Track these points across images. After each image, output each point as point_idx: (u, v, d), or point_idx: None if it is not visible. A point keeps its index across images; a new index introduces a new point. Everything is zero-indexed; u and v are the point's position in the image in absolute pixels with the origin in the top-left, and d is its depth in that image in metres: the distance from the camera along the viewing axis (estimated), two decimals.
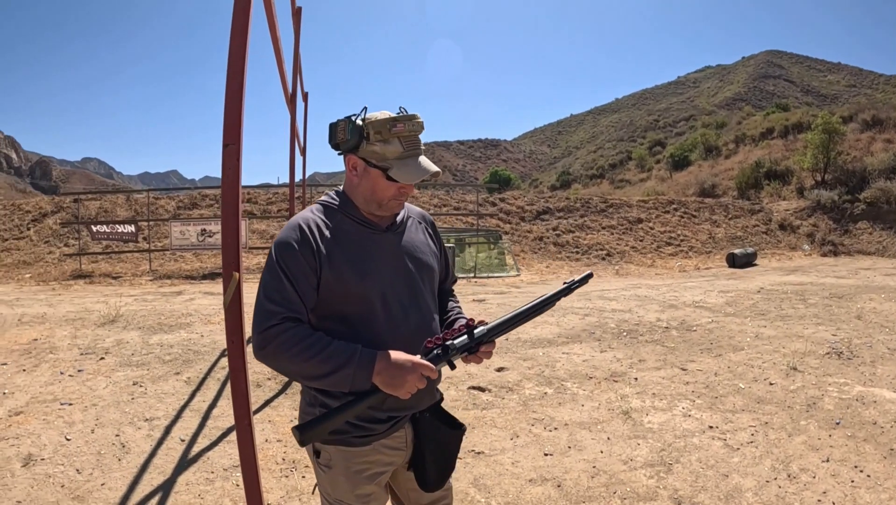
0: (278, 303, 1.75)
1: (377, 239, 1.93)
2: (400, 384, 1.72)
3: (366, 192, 1.91)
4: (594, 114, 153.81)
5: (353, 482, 1.91)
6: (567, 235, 20.99)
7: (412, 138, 1.86)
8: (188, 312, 10.35)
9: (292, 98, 6.57)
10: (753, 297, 11.51)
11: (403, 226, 2.03)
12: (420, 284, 1.98)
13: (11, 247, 18.99)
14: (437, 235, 2.18)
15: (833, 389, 5.71)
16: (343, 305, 1.84)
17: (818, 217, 23.27)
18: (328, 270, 1.80)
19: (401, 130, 1.83)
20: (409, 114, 1.86)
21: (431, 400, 2.02)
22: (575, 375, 6.34)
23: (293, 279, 1.77)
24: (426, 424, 1.97)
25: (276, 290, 1.76)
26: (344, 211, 1.93)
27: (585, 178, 66.73)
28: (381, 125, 1.83)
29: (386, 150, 1.84)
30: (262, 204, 21.80)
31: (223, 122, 2.17)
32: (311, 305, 1.82)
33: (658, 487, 3.84)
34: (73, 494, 3.82)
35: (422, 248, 2.04)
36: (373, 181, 1.88)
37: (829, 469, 4.03)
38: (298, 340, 1.71)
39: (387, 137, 1.83)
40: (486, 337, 1.88)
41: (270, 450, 4.51)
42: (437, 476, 2.00)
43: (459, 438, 2.05)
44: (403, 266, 1.95)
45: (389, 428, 1.91)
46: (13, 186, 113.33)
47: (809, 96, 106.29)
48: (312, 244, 1.80)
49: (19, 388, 6.00)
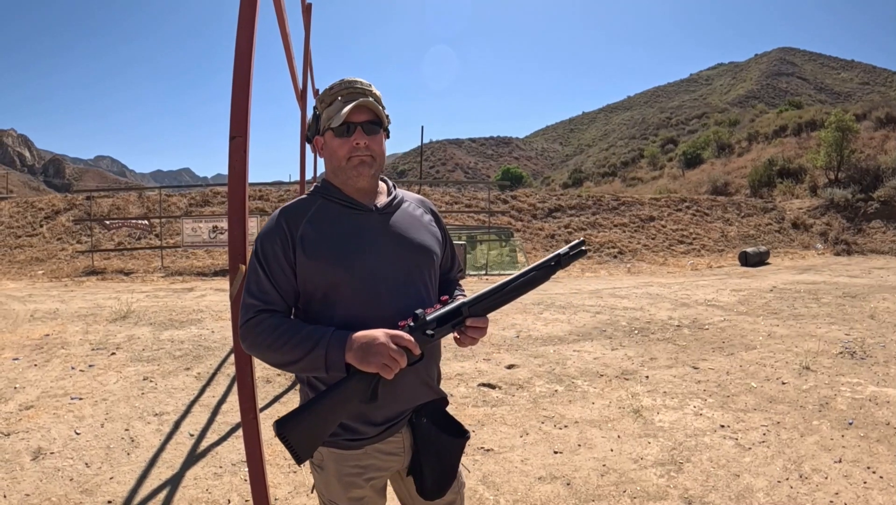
0: (255, 296, 1.75)
1: (363, 220, 1.86)
2: (373, 354, 1.62)
3: (329, 164, 1.87)
4: (606, 111, 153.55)
5: (345, 485, 1.86)
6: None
7: (351, 91, 1.81)
8: (199, 309, 10.39)
9: (303, 94, 6.56)
10: (766, 295, 11.44)
11: (395, 207, 1.94)
12: (412, 266, 1.87)
13: (24, 244, 19.11)
14: (440, 221, 2.08)
15: (846, 388, 5.66)
16: (326, 289, 1.78)
17: (831, 216, 23.12)
18: (303, 255, 1.76)
19: (338, 90, 1.81)
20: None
21: (429, 396, 1.93)
22: (586, 373, 6.31)
23: (268, 270, 1.76)
24: (424, 429, 1.89)
25: (255, 282, 1.77)
26: (325, 195, 1.88)
27: (597, 175, 66.56)
28: (324, 94, 1.84)
29: (330, 112, 1.81)
30: (273, 201, 21.84)
31: (230, 115, 2.16)
32: (289, 294, 1.80)
33: (668, 486, 3.81)
34: (82, 488, 3.82)
35: (417, 229, 1.94)
36: (328, 148, 1.84)
37: (842, 470, 3.98)
38: (272, 329, 1.70)
39: (329, 101, 1.82)
40: (467, 307, 1.78)
41: (279, 445, 4.49)
42: (435, 485, 1.91)
43: (460, 446, 1.93)
44: (393, 247, 1.85)
45: (382, 432, 1.84)
46: (27, 184, 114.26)
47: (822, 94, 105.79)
48: (286, 232, 1.78)
49: (30, 382, 6.03)
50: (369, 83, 1.85)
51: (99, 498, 3.71)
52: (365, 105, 1.78)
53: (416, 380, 1.86)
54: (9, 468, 4.10)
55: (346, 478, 1.85)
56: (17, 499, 3.68)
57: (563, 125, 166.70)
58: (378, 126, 1.84)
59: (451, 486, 1.97)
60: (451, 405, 2.06)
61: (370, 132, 1.81)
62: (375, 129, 1.83)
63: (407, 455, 1.92)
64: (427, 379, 1.91)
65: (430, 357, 1.89)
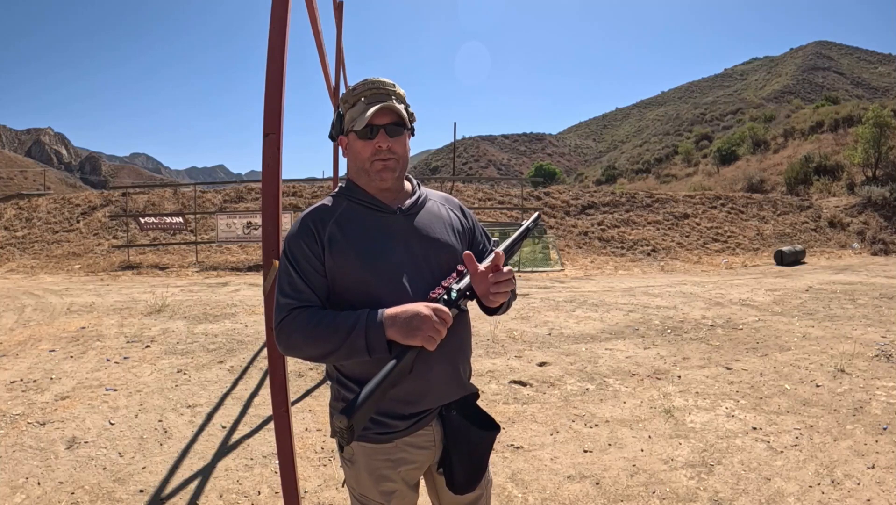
0: (288, 295, 1.76)
1: (386, 221, 1.87)
2: (418, 327, 1.61)
3: (353, 165, 1.88)
4: (640, 107, 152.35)
5: (376, 479, 1.87)
6: (612, 231, 20.79)
7: (374, 92, 1.82)
8: (233, 303, 10.51)
9: (335, 91, 6.59)
10: (801, 296, 11.26)
11: (420, 207, 1.95)
12: (435, 265, 1.88)
13: (62, 239, 19.49)
14: (467, 216, 2.09)
15: (881, 392, 5.55)
16: (351, 289, 1.80)
17: (868, 214, 22.67)
18: (331, 256, 1.78)
19: (361, 90, 1.82)
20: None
21: (458, 393, 1.92)
22: (617, 372, 6.27)
23: (299, 269, 1.78)
24: (454, 422, 1.89)
25: (287, 283, 1.78)
26: (350, 196, 1.89)
27: (631, 172, 66.13)
28: (347, 94, 1.85)
29: (353, 113, 1.82)
30: (307, 197, 21.99)
31: (263, 112, 2.19)
32: (322, 291, 1.80)
33: (698, 488, 3.77)
34: (115, 477, 3.89)
35: (438, 228, 1.94)
36: (352, 149, 1.86)
37: (875, 476, 3.91)
38: (307, 321, 1.70)
39: (352, 101, 1.83)
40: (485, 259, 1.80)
41: (310, 439, 4.54)
42: (464, 479, 1.91)
43: (490, 440, 1.93)
44: (416, 247, 1.86)
45: (412, 425, 1.84)
46: (64, 181, 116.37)
47: (860, 88, 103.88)
48: (314, 232, 1.80)
49: (66, 373, 6.15)
50: (393, 83, 1.85)
51: (131, 487, 3.77)
52: (388, 108, 1.79)
53: (447, 376, 1.86)
54: (43, 456, 4.19)
55: (378, 472, 1.86)
56: (52, 486, 3.76)
57: (597, 121, 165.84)
58: (401, 127, 1.84)
59: (481, 480, 1.97)
60: (481, 402, 2.05)
61: (393, 134, 1.81)
62: (399, 131, 1.83)
63: (437, 449, 1.92)
64: (458, 375, 1.91)
65: (460, 351, 1.91)
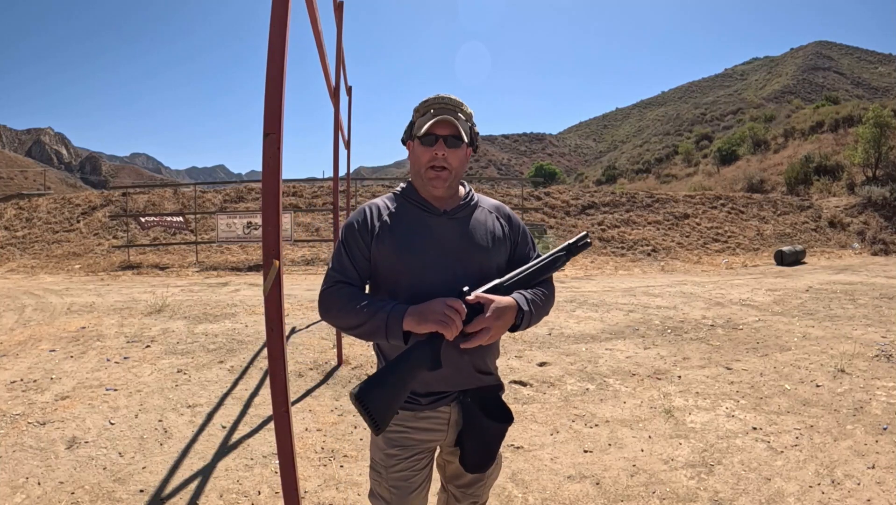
0: (336, 269, 2.02)
1: (430, 221, 2.06)
2: (429, 312, 1.81)
3: (413, 168, 2.08)
4: (640, 107, 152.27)
5: (385, 440, 2.09)
6: (612, 231, 20.78)
7: (442, 106, 2.01)
8: (233, 303, 10.51)
9: (335, 91, 6.58)
10: (801, 296, 11.26)
11: (466, 211, 2.12)
12: (466, 265, 2.04)
13: (62, 239, 19.49)
14: (513, 225, 2.25)
15: (881, 393, 5.54)
16: (385, 276, 2.04)
17: (869, 214, 22.66)
18: (376, 247, 2.01)
19: (432, 102, 2.03)
20: None
21: (476, 383, 2.10)
22: (617, 372, 6.27)
23: (349, 252, 2.03)
24: (468, 409, 2.07)
25: (337, 260, 2.04)
26: (405, 196, 2.11)
27: (631, 172, 66.10)
28: (420, 105, 2.07)
29: (421, 122, 2.02)
30: (307, 197, 22.00)
31: (263, 112, 2.18)
32: (364, 272, 2.05)
33: (698, 488, 3.77)
34: (115, 477, 3.89)
35: (479, 233, 2.10)
36: (414, 154, 2.07)
37: (875, 476, 3.90)
38: (343, 295, 1.95)
39: (423, 111, 2.04)
40: (503, 284, 1.98)
41: (310, 439, 4.54)
42: (475, 461, 2.10)
43: (500, 430, 2.10)
44: (454, 247, 2.04)
45: (432, 402, 2.06)
46: (64, 181, 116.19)
47: (860, 88, 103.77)
48: (368, 223, 2.04)
49: (66, 373, 6.15)
50: (461, 101, 2.05)
51: (131, 487, 3.77)
52: (449, 121, 1.97)
53: (457, 366, 2.02)
54: (44, 456, 4.19)
55: (387, 434, 2.07)
56: (52, 486, 3.76)
57: (597, 121, 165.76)
58: (460, 140, 2.01)
59: (491, 465, 2.18)
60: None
61: (451, 145, 2.00)
62: (457, 144, 2.01)
63: (452, 431, 2.13)
64: (480, 366, 2.10)
65: (484, 346, 2.01)
